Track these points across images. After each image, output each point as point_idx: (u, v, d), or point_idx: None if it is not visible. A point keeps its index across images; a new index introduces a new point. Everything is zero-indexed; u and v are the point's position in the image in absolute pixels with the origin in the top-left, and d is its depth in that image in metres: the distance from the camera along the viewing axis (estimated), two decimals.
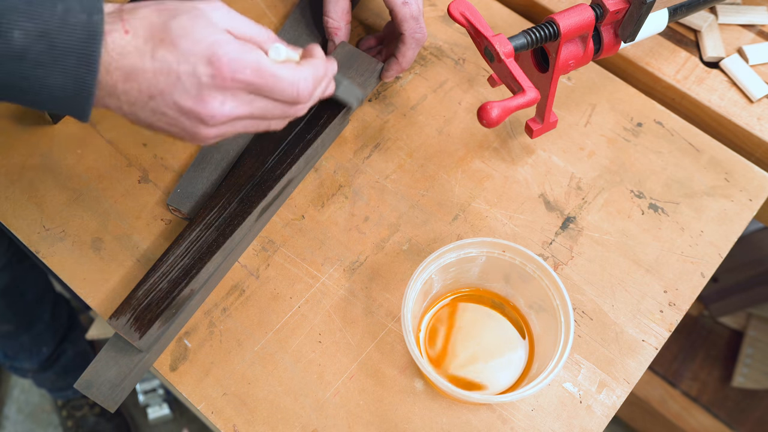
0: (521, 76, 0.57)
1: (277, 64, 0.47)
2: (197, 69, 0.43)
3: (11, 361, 1.27)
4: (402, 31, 0.67)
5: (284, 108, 0.49)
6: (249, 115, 0.47)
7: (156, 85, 0.43)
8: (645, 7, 0.57)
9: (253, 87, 0.46)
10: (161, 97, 0.44)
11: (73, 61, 0.41)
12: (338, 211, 0.67)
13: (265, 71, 0.45)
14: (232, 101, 0.45)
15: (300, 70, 0.48)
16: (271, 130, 0.52)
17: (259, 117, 0.48)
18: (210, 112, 0.45)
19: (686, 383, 1.30)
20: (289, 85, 0.47)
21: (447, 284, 0.62)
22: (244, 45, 0.45)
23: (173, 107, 0.45)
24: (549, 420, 0.59)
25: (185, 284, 0.58)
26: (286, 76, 0.47)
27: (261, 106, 0.47)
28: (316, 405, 0.59)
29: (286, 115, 0.50)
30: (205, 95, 0.44)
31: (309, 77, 0.48)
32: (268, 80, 0.46)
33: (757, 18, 0.79)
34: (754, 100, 0.74)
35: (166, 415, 1.46)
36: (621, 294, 0.64)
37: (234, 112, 0.46)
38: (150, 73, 0.43)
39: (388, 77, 0.71)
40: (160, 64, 0.43)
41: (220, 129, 0.47)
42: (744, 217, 0.68)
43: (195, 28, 0.43)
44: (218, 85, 0.44)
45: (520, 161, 0.70)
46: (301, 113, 0.52)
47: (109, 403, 0.58)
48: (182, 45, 0.43)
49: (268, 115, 0.49)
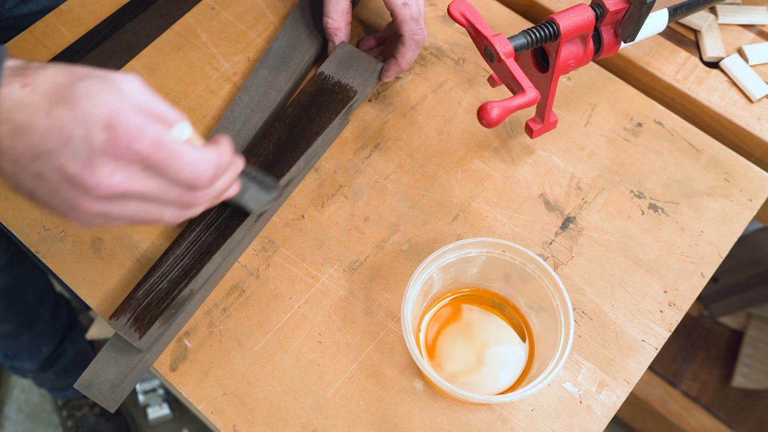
0: (521, 76, 0.57)
1: (180, 141, 0.43)
2: (92, 133, 0.39)
3: (11, 361, 1.27)
4: (402, 33, 0.67)
5: (180, 193, 0.44)
6: (140, 194, 0.43)
7: (44, 144, 0.39)
8: (645, 7, 0.57)
9: (150, 162, 0.41)
10: (47, 158, 0.40)
11: None
12: (338, 211, 0.67)
13: (165, 145, 0.41)
14: (123, 173, 0.41)
15: (203, 152, 0.44)
16: (164, 222, 0.46)
17: (152, 199, 0.44)
18: (96, 180, 0.40)
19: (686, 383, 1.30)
20: (188, 165, 0.43)
21: (447, 284, 0.62)
22: (149, 118, 0.41)
23: (57, 172, 0.40)
24: (549, 420, 0.59)
25: (185, 284, 0.58)
26: (187, 154, 0.43)
27: (155, 185, 0.43)
28: (316, 405, 0.59)
29: (181, 201, 0.45)
30: (95, 162, 0.40)
31: (211, 161, 0.44)
32: (166, 155, 0.42)
33: (757, 18, 0.79)
34: (754, 100, 0.74)
35: (166, 415, 1.46)
36: (621, 294, 0.64)
37: (123, 185, 0.41)
38: (41, 131, 0.39)
39: (387, 77, 0.71)
40: (53, 122, 0.39)
41: (104, 206, 0.42)
42: (744, 217, 0.68)
43: (101, 92, 0.40)
44: (112, 152, 0.40)
45: (520, 161, 0.70)
46: (197, 206, 0.47)
47: (109, 403, 0.58)
48: (82, 106, 0.40)
49: (162, 197, 0.44)
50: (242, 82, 0.74)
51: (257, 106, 0.69)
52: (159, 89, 0.73)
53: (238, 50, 0.76)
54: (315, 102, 0.68)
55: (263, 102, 0.70)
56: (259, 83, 0.71)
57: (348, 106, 0.68)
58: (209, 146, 0.45)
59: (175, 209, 0.46)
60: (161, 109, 0.43)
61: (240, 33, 0.77)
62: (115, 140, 0.40)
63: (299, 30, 0.74)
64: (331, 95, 0.68)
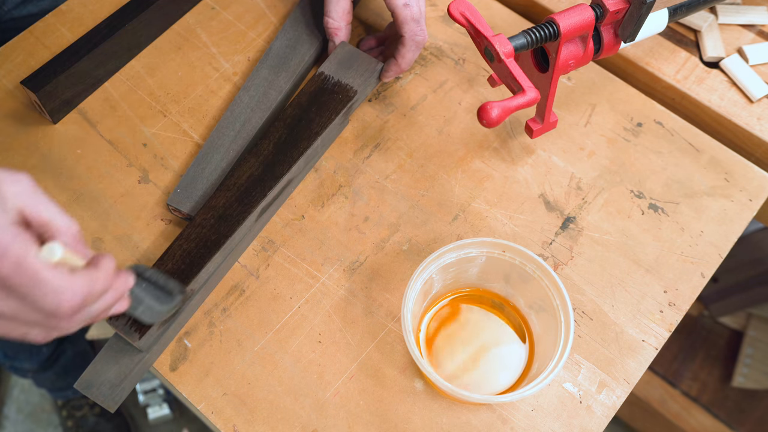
0: (521, 76, 0.57)
1: (47, 265, 0.39)
2: None
3: (11, 360, 1.27)
4: (402, 33, 0.67)
5: (42, 318, 0.41)
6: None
7: None
8: (645, 7, 0.57)
9: (8, 283, 0.38)
10: None
11: None
12: (338, 211, 0.67)
13: (26, 269, 0.38)
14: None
15: (71, 280, 0.40)
16: (30, 341, 0.43)
17: (11, 319, 0.40)
18: None
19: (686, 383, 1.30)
20: (49, 293, 0.39)
21: (447, 284, 0.62)
22: (18, 235, 0.38)
23: None
24: (549, 420, 0.59)
25: (185, 284, 0.58)
26: (50, 281, 0.39)
27: (14, 307, 0.39)
28: (316, 405, 0.59)
29: (45, 326, 0.42)
30: None
31: (78, 291, 0.40)
32: (25, 280, 0.38)
33: (757, 18, 0.79)
34: (754, 100, 0.74)
35: (166, 415, 1.46)
36: (621, 294, 0.64)
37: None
38: None
39: (387, 78, 0.71)
40: None
41: None
42: (744, 217, 0.68)
43: None
44: None
45: (520, 161, 0.70)
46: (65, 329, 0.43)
47: (109, 403, 0.58)
48: None
49: (22, 319, 0.41)
50: (242, 82, 0.74)
51: (257, 106, 0.69)
52: (159, 89, 0.73)
53: (238, 50, 0.76)
54: (315, 102, 0.68)
55: (263, 102, 0.70)
56: (259, 83, 0.71)
57: (348, 106, 0.68)
58: (82, 271, 0.42)
59: (39, 330, 0.43)
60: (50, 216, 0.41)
61: (240, 33, 0.77)
62: None
63: (299, 30, 0.74)
64: (331, 95, 0.68)
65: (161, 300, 0.54)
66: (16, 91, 0.72)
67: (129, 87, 0.73)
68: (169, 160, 0.69)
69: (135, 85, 0.73)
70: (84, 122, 0.71)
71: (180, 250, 0.60)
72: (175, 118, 0.72)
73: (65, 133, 0.70)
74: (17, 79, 0.73)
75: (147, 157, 0.69)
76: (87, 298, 0.41)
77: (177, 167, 0.69)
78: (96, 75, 0.72)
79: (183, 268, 0.59)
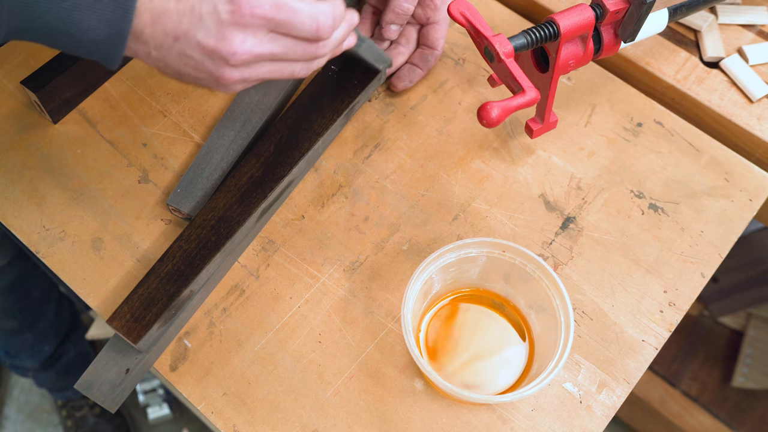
0: (521, 76, 0.57)
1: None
2: (218, 7, 0.45)
3: (12, 359, 1.27)
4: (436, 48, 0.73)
5: (306, 47, 0.49)
6: (271, 55, 0.48)
7: (180, 25, 0.45)
8: (645, 7, 0.57)
9: (273, 23, 0.46)
10: (185, 38, 0.45)
11: (110, 7, 0.43)
12: (338, 211, 0.67)
13: (283, 5, 0.46)
14: (252, 38, 0.46)
15: (318, 5, 0.48)
16: (295, 76, 0.52)
17: (282, 58, 0.49)
18: (231, 50, 0.46)
19: (686, 383, 1.30)
20: (308, 18, 0.47)
21: (447, 284, 0.62)
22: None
23: (197, 48, 0.46)
24: (549, 420, 0.59)
25: (185, 285, 0.58)
26: (305, 9, 0.47)
27: (282, 44, 0.48)
28: (316, 405, 0.59)
29: (308, 54, 0.50)
30: (226, 33, 0.45)
31: (328, 11, 0.49)
32: (287, 14, 0.46)
33: (757, 18, 0.79)
34: (754, 100, 0.74)
35: (166, 415, 1.46)
36: (621, 294, 0.64)
37: (255, 49, 0.47)
38: (174, 14, 0.44)
39: (402, 87, 0.73)
40: (183, 5, 0.44)
41: (243, 72, 0.48)
42: (744, 217, 0.68)
43: None
44: (238, 22, 0.45)
45: (520, 161, 0.70)
46: (321, 56, 0.52)
47: (110, 403, 0.58)
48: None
49: (290, 54, 0.49)
50: None
51: (257, 106, 0.69)
52: (159, 89, 0.73)
53: None
54: (316, 103, 0.68)
55: (263, 102, 0.70)
56: (259, 83, 0.71)
57: (350, 107, 0.68)
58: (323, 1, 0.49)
59: (302, 63, 0.51)
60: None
61: None
62: (239, 10, 0.45)
63: None
64: (333, 96, 0.68)
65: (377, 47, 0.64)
66: (16, 91, 0.72)
67: (129, 87, 0.73)
68: (169, 160, 0.69)
69: (135, 85, 0.73)
70: (84, 122, 0.71)
71: (180, 251, 0.60)
72: (175, 118, 0.72)
73: (65, 133, 0.70)
74: (17, 79, 0.73)
75: (147, 157, 0.69)
76: (335, 19, 0.49)
77: (177, 167, 0.69)
78: (96, 75, 0.72)
79: (183, 269, 0.59)
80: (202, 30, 0.45)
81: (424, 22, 0.72)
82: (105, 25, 0.43)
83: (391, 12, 0.69)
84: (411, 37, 0.73)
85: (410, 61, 0.73)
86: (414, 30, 0.73)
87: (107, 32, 0.44)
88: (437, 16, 0.71)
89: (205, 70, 0.47)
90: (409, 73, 0.72)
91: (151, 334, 0.57)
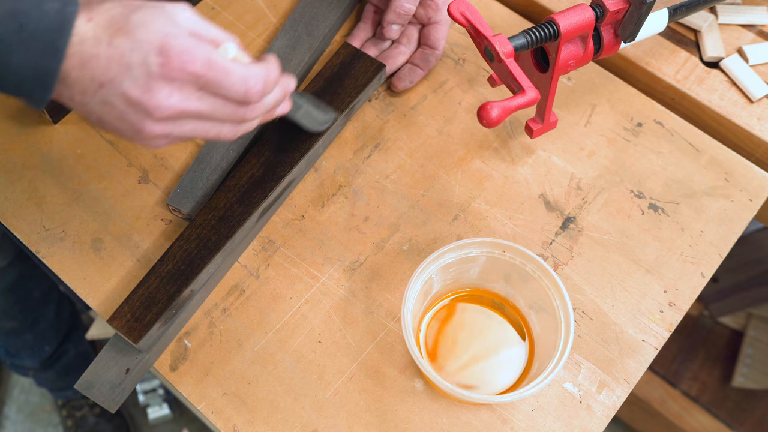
0: (521, 76, 0.57)
1: (228, 60, 0.46)
2: (148, 58, 0.43)
3: (12, 358, 1.27)
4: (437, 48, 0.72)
5: (234, 109, 0.48)
6: (197, 113, 0.46)
7: (107, 72, 0.43)
8: (645, 7, 0.57)
9: (202, 81, 0.45)
10: (111, 85, 0.44)
11: (40, 47, 0.42)
12: (338, 211, 0.67)
13: (215, 64, 0.45)
14: (179, 94, 0.45)
15: (251, 68, 0.47)
16: (222, 138, 0.50)
17: (208, 117, 0.47)
18: (156, 103, 0.44)
19: (686, 383, 1.30)
20: (238, 80, 0.46)
21: (447, 284, 0.62)
22: (199, 41, 0.45)
23: (121, 97, 0.44)
24: (549, 420, 0.59)
25: (185, 285, 0.58)
26: (237, 70, 0.46)
27: (210, 103, 0.46)
28: (316, 405, 0.59)
29: (236, 117, 0.49)
30: (153, 85, 0.44)
31: (260, 75, 0.47)
32: (217, 73, 0.45)
33: (757, 18, 0.79)
34: (754, 100, 0.74)
35: (166, 415, 1.46)
36: (621, 294, 0.64)
37: (180, 105, 0.45)
38: (104, 60, 0.43)
39: (403, 87, 0.73)
40: (114, 51, 0.43)
41: (166, 127, 0.46)
42: (744, 217, 0.68)
43: (154, 20, 0.44)
44: (166, 75, 0.44)
45: (520, 161, 0.70)
46: (251, 120, 0.50)
47: (110, 403, 0.58)
48: (138, 34, 0.43)
49: (218, 115, 0.47)
50: None
51: None
52: None
53: None
54: None
55: None
56: None
57: (350, 107, 0.68)
58: (257, 63, 0.48)
59: (230, 125, 0.50)
60: (211, 32, 0.46)
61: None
62: (169, 63, 0.43)
63: (299, 30, 0.74)
64: (333, 96, 0.68)
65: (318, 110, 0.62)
66: None
67: None
68: (169, 160, 0.69)
69: None
70: (84, 122, 0.71)
71: (180, 251, 0.60)
72: None
73: (65, 133, 0.70)
74: None
75: (147, 157, 0.69)
76: (267, 84, 0.48)
77: (177, 167, 0.69)
78: None
79: (183, 269, 0.59)
80: (129, 79, 0.43)
81: (425, 22, 0.72)
82: (33, 63, 0.42)
83: (393, 12, 0.69)
84: (412, 37, 0.73)
85: (411, 61, 0.73)
86: (415, 30, 0.73)
87: (35, 72, 0.42)
88: (438, 16, 0.71)
89: (128, 121, 0.45)
90: (409, 73, 0.72)
91: (151, 334, 0.57)
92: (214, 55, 0.45)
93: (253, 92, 0.47)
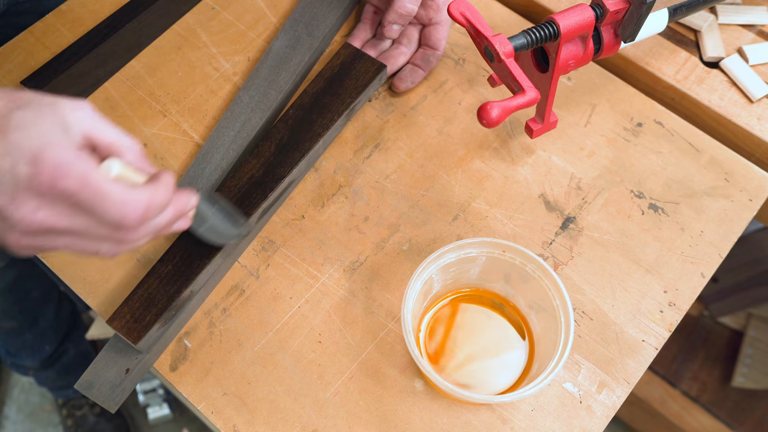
0: (521, 76, 0.57)
1: (108, 179, 0.42)
2: (17, 166, 0.38)
3: (13, 358, 1.27)
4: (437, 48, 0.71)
5: (111, 231, 0.43)
6: (68, 231, 0.42)
7: None
8: (645, 7, 0.57)
9: (74, 199, 0.40)
10: None
11: None
12: (338, 211, 0.67)
13: (90, 184, 0.40)
14: (47, 210, 0.40)
15: (132, 193, 0.42)
16: (102, 255, 0.46)
17: (82, 236, 0.43)
18: (20, 216, 0.39)
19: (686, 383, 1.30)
20: (113, 205, 0.41)
21: (447, 284, 0.62)
22: (80, 154, 0.40)
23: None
24: (549, 420, 0.59)
25: (185, 285, 0.58)
26: (114, 195, 0.41)
27: (82, 223, 0.42)
28: (316, 405, 0.59)
29: (114, 238, 0.44)
30: (19, 196, 0.39)
31: (141, 202, 0.43)
32: (90, 194, 0.40)
33: (757, 18, 0.79)
34: (754, 100, 0.74)
35: (166, 415, 1.46)
36: (621, 294, 0.64)
37: (48, 221, 0.40)
38: None
39: (404, 87, 0.72)
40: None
41: (33, 240, 0.42)
42: (744, 217, 0.68)
43: (36, 123, 0.39)
44: (35, 188, 0.39)
45: (520, 161, 0.70)
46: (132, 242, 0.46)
47: (110, 403, 0.58)
48: (13, 137, 0.39)
49: (92, 235, 0.43)
50: (242, 82, 0.74)
51: (257, 106, 0.69)
52: (159, 89, 0.73)
53: (238, 50, 0.76)
54: (317, 103, 0.68)
55: (263, 102, 0.70)
56: (259, 83, 0.71)
57: (350, 107, 0.68)
58: (143, 185, 0.44)
59: (109, 245, 0.45)
60: (106, 138, 0.42)
61: (240, 33, 0.77)
62: (39, 176, 0.39)
63: (299, 30, 0.74)
64: (334, 96, 0.68)
65: (226, 224, 0.57)
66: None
67: (129, 87, 0.73)
68: (169, 160, 0.69)
69: (135, 85, 0.74)
70: None
71: (180, 251, 0.60)
72: (175, 118, 0.72)
73: None
74: (17, 79, 0.73)
75: (147, 157, 0.69)
76: (149, 210, 0.44)
77: (177, 167, 0.69)
78: (96, 75, 0.72)
79: (183, 269, 0.59)
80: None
81: (426, 23, 0.72)
82: None
83: (394, 12, 0.69)
84: (413, 37, 0.73)
85: (412, 62, 0.73)
86: (416, 30, 0.73)
87: None
88: (439, 16, 0.71)
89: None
90: (410, 73, 0.72)
91: (151, 335, 0.57)
92: (92, 172, 0.40)
93: (130, 218, 0.43)
